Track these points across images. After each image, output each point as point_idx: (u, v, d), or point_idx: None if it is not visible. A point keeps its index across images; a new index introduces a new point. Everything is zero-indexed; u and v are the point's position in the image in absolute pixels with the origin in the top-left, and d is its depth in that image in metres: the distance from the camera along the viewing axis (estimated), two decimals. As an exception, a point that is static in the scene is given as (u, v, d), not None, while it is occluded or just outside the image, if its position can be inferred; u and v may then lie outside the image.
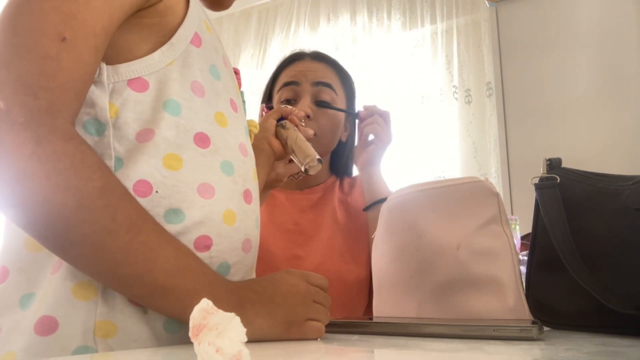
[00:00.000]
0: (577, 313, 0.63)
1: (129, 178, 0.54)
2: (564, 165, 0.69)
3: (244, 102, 0.75)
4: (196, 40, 0.61)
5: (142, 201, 0.54)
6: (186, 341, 0.53)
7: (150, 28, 0.57)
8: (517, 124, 2.01)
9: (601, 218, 0.63)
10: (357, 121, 1.14)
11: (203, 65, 0.61)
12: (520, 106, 2.02)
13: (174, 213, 0.55)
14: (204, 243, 0.57)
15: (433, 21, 2.43)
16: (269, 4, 2.88)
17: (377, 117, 1.11)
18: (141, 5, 0.56)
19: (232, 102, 0.66)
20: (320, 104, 1.09)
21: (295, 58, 1.15)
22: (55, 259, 0.53)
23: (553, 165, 0.69)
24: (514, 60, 2.04)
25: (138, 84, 0.56)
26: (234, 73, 0.72)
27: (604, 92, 1.87)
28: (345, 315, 0.96)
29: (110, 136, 0.54)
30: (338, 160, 1.17)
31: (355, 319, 0.78)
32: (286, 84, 1.11)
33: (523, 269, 0.71)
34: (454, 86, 2.34)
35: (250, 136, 0.74)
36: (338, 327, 0.65)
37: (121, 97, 0.55)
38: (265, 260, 1.05)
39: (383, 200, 1.04)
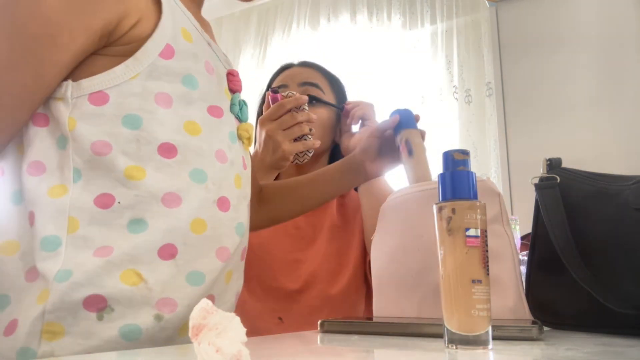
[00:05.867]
0: (577, 313, 0.63)
1: (90, 191, 0.56)
2: (564, 165, 0.69)
3: (243, 106, 0.74)
4: (167, 53, 0.61)
5: (103, 213, 0.56)
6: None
7: (116, 53, 0.59)
8: (517, 124, 2.01)
9: (601, 218, 0.63)
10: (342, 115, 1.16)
11: (174, 76, 0.61)
12: (520, 106, 2.02)
13: (137, 223, 0.57)
14: (169, 252, 0.57)
15: (433, 21, 2.42)
16: (269, 4, 2.87)
17: (364, 104, 1.13)
18: (93, 49, 0.58)
19: (212, 109, 0.66)
20: (309, 98, 1.10)
21: (284, 68, 1.20)
22: (28, 267, 0.54)
23: (553, 165, 0.69)
24: (514, 60, 2.04)
25: (98, 97, 0.58)
26: (224, 77, 0.72)
27: (604, 92, 1.87)
28: (345, 315, 0.96)
29: (70, 148, 0.57)
30: (335, 161, 1.17)
31: (355, 319, 0.78)
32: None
33: (523, 269, 0.71)
34: (454, 86, 2.34)
35: (243, 141, 0.73)
36: (338, 327, 0.65)
37: (80, 110, 0.57)
38: (266, 263, 1.06)
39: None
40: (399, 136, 0.94)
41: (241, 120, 0.74)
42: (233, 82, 0.73)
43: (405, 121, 0.95)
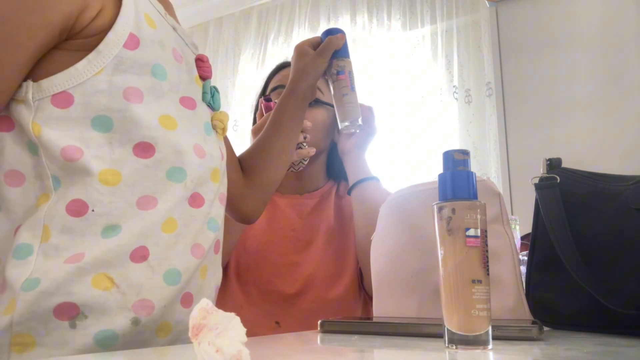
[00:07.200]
0: (577, 313, 0.63)
1: (64, 199, 0.53)
2: (564, 165, 0.69)
3: (214, 93, 0.70)
4: (131, 43, 0.56)
5: (76, 221, 0.53)
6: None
7: (77, 47, 0.55)
8: (517, 124, 2.01)
9: (601, 218, 0.63)
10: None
11: (142, 68, 0.57)
12: (520, 106, 2.02)
13: (112, 229, 0.54)
14: (140, 254, 0.55)
15: (433, 21, 2.42)
16: (269, 4, 2.87)
17: (363, 107, 1.10)
18: (53, 45, 0.54)
19: (184, 100, 0.62)
20: None
21: (282, 66, 1.18)
22: (2, 278, 0.52)
23: (553, 165, 0.69)
24: (514, 60, 2.04)
25: (61, 99, 0.54)
26: (193, 64, 0.67)
27: (603, 92, 1.87)
28: (345, 316, 0.96)
29: (43, 155, 0.54)
30: (333, 163, 1.17)
31: (355, 319, 0.78)
32: (273, 89, 1.14)
33: (523, 269, 0.71)
34: (454, 86, 2.34)
35: (217, 131, 0.70)
36: (338, 327, 0.65)
37: (44, 114, 0.53)
38: (264, 266, 1.06)
39: (365, 180, 1.05)
40: (339, 62, 0.94)
41: (214, 109, 0.70)
42: (203, 68, 0.68)
43: (345, 48, 0.95)
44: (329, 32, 0.94)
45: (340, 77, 0.93)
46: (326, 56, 0.92)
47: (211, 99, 0.69)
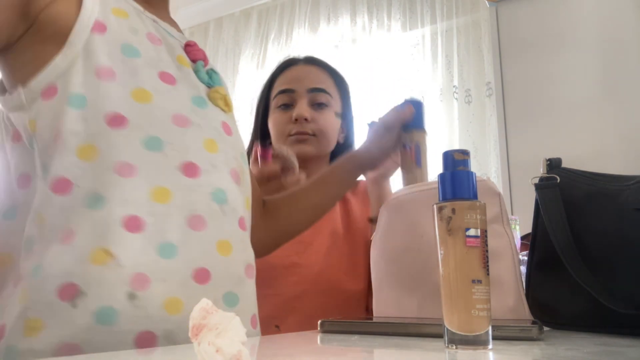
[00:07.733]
0: (577, 313, 0.63)
1: (46, 180, 0.56)
2: (564, 165, 0.69)
3: (212, 73, 0.72)
4: (98, 27, 0.60)
5: (65, 199, 0.55)
6: (122, 334, 0.52)
7: (47, 35, 0.59)
8: (517, 124, 2.01)
9: (601, 218, 0.63)
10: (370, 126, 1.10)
11: (111, 48, 0.60)
12: (520, 106, 2.01)
13: (94, 199, 0.55)
14: (134, 223, 0.55)
15: (433, 21, 2.42)
16: (269, 4, 2.87)
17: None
18: (20, 30, 0.58)
19: (163, 75, 0.64)
20: (319, 105, 1.11)
21: (289, 64, 1.17)
22: (16, 273, 0.55)
23: (553, 165, 0.69)
24: (514, 60, 2.04)
25: (49, 92, 0.58)
26: (177, 47, 0.69)
27: (604, 93, 1.87)
28: (345, 316, 0.96)
29: (36, 148, 0.57)
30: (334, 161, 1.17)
31: (355, 319, 0.78)
32: (282, 91, 1.12)
33: (523, 269, 0.71)
34: (454, 86, 2.34)
35: (216, 102, 0.70)
36: (338, 327, 0.65)
37: (37, 111, 0.58)
38: (263, 267, 1.05)
39: None
40: (408, 135, 0.91)
41: (212, 87, 0.71)
42: (192, 52, 0.71)
43: (418, 118, 0.91)
44: (408, 102, 0.92)
45: (405, 152, 0.91)
46: (392, 131, 0.92)
47: (209, 79, 0.71)
